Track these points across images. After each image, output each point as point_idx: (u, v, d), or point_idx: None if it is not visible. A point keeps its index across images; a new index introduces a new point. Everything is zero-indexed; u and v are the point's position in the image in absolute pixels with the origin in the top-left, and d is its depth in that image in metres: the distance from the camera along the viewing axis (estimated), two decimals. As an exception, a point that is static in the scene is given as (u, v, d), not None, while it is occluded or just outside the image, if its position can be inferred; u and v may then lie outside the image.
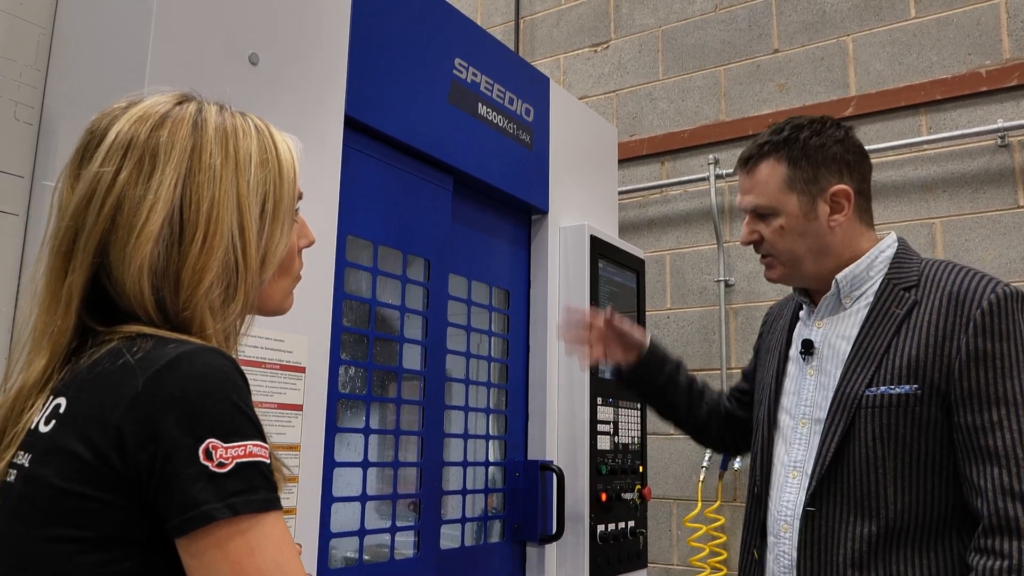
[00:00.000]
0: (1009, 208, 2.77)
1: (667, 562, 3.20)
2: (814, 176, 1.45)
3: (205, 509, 0.71)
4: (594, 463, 2.11)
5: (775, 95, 3.27)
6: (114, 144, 0.84)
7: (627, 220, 3.48)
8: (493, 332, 2.09)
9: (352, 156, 1.64)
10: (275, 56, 1.46)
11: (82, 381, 0.79)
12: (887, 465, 1.33)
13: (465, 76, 1.97)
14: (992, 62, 2.87)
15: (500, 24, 4.04)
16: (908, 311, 1.38)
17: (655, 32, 3.60)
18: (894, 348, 1.37)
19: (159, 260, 0.81)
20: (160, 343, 0.78)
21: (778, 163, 1.46)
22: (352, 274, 1.71)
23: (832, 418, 1.39)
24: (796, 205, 1.45)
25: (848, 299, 1.46)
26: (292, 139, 0.96)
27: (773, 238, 1.48)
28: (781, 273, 1.51)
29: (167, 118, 0.86)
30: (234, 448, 0.74)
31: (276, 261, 0.90)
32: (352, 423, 1.70)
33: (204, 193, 0.83)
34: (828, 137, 1.47)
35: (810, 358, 1.49)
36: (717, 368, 3.20)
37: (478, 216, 2.08)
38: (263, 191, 0.89)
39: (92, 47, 1.41)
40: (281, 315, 0.99)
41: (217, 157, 0.85)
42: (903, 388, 1.34)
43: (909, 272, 1.43)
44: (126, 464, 0.73)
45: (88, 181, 0.83)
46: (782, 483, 1.46)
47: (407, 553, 1.74)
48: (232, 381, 0.77)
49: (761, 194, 1.47)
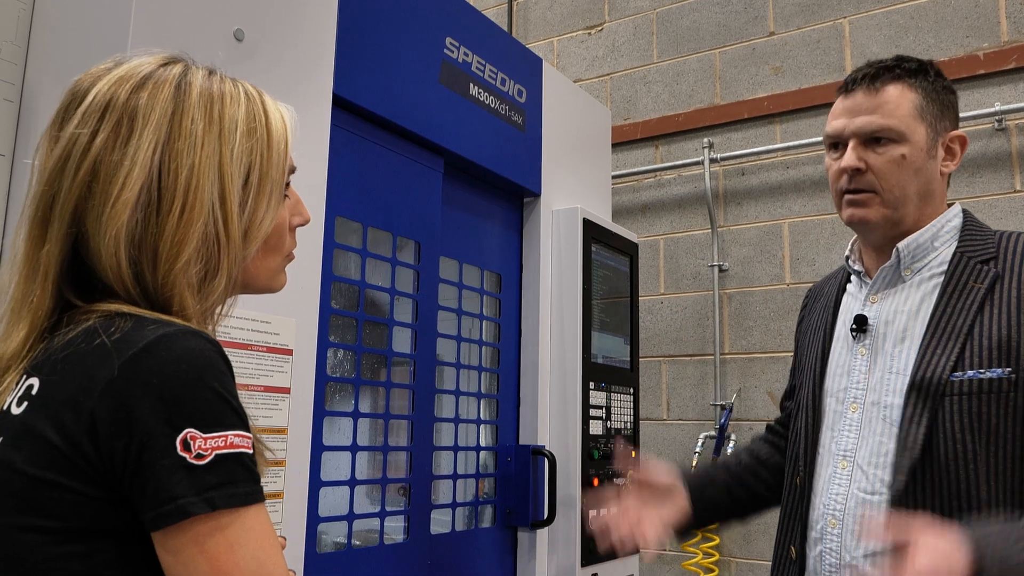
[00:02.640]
0: (1006, 192, 2.76)
1: (660, 547, 3.19)
2: (940, 113, 1.33)
3: (181, 503, 0.68)
4: (586, 448, 2.10)
5: (770, 78, 3.24)
6: (92, 105, 0.80)
7: (621, 204, 3.46)
8: (484, 316, 2.07)
9: (340, 136, 1.62)
10: (261, 33, 1.43)
11: (55, 361, 0.75)
12: (979, 459, 1.18)
13: (456, 56, 1.94)
14: (990, 45, 2.84)
15: (493, 6, 3.99)
16: (991, 285, 1.24)
17: (649, 14, 3.56)
18: (979, 327, 1.22)
19: (136, 229, 0.77)
20: (139, 324, 0.74)
21: (910, 89, 1.32)
22: (341, 256, 1.68)
23: (912, 407, 1.24)
24: (923, 136, 1.30)
25: (909, 271, 1.33)
26: (287, 109, 0.91)
27: (887, 168, 1.30)
28: (878, 214, 1.32)
29: (149, 79, 0.81)
30: (214, 439, 0.70)
31: (260, 236, 0.86)
32: (342, 407, 1.68)
33: (183, 160, 0.79)
34: (948, 83, 1.36)
35: (863, 336, 1.34)
36: (711, 353, 3.19)
37: (469, 198, 2.05)
38: (248, 161, 0.84)
39: (73, 23, 1.38)
40: (273, 293, 0.95)
41: (199, 123, 0.81)
42: (994, 372, 1.19)
43: (985, 243, 1.29)
44: (99, 453, 0.70)
45: (64, 143, 0.79)
46: (830, 474, 1.32)
47: (397, 538, 1.73)
48: (214, 367, 0.73)
49: (890, 115, 1.30)
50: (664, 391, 3.29)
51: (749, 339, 3.14)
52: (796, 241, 3.09)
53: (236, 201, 0.82)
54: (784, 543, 1.41)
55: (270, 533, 0.73)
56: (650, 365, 3.30)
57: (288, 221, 0.92)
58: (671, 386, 3.28)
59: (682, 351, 3.28)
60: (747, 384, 3.11)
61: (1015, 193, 2.74)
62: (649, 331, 3.33)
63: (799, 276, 3.06)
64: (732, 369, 3.16)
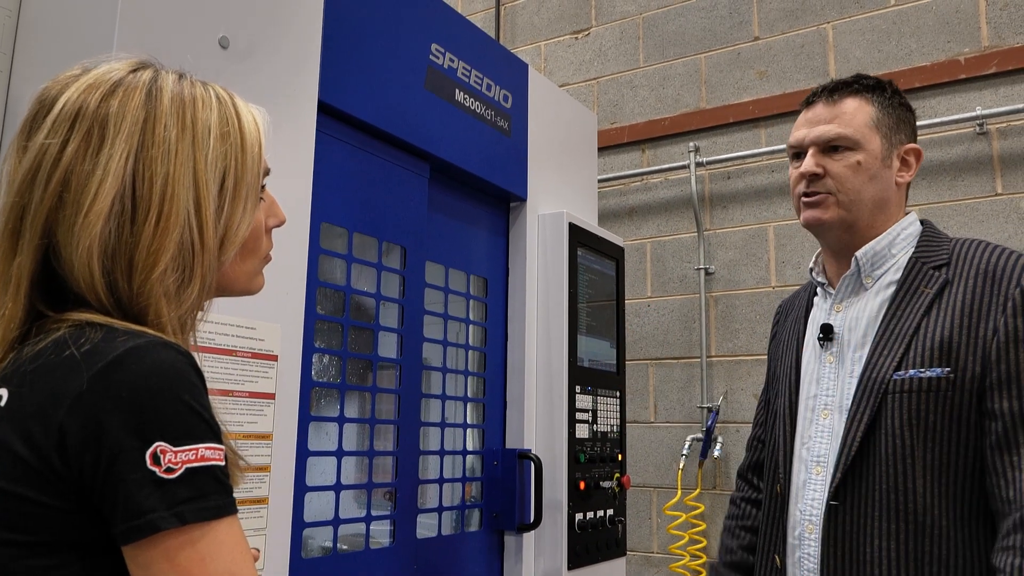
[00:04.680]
0: (987, 196, 2.79)
1: (647, 550, 3.21)
2: (896, 127, 1.41)
3: (151, 518, 0.67)
4: (572, 451, 2.11)
5: (755, 82, 3.27)
6: (61, 114, 0.78)
7: (608, 208, 3.47)
8: (471, 320, 2.08)
9: (326, 142, 1.62)
10: (246, 39, 1.43)
11: (24, 373, 0.73)
12: (916, 455, 1.23)
13: (442, 62, 1.95)
14: (971, 49, 2.87)
15: (481, 11, 4.01)
16: (939, 290, 1.29)
17: (636, 19, 3.58)
18: (924, 329, 1.27)
19: (110, 240, 0.76)
20: (110, 335, 0.73)
21: (867, 103, 1.41)
22: (327, 261, 1.69)
23: (857, 405, 1.30)
24: (878, 146, 1.38)
25: (869, 279, 1.38)
26: (259, 111, 0.90)
27: (844, 173, 1.37)
28: (833, 214, 1.38)
29: (119, 86, 0.80)
30: (184, 452, 0.69)
31: (238, 241, 0.85)
32: (328, 412, 1.69)
33: (158, 168, 0.78)
34: (905, 100, 1.45)
35: (829, 344, 1.40)
36: (697, 356, 3.21)
37: (456, 203, 2.06)
38: (223, 166, 0.82)
39: (58, 30, 1.38)
40: (250, 296, 0.95)
41: (172, 129, 0.80)
42: (934, 371, 1.24)
43: (939, 250, 1.35)
44: (68, 466, 0.69)
45: (34, 154, 0.78)
46: (804, 480, 1.37)
47: (383, 542, 1.73)
48: (185, 379, 0.72)
49: (847, 124, 1.39)
50: (651, 394, 3.31)
51: (735, 342, 3.16)
52: (781, 244, 3.12)
53: (212, 207, 0.81)
54: (767, 551, 1.44)
55: (242, 545, 0.73)
56: (637, 368, 3.32)
57: (264, 223, 0.91)
58: (658, 389, 3.29)
59: (669, 354, 3.30)
60: (733, 387, 3.13)
61: (996, 196, 2.77)
62: (636, 334, 3.35)
63: (785, 279, 3.09)
64: (719, 372, 3.18)
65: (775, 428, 1.48)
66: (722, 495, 3.06)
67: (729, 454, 3.09)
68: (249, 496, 1.36)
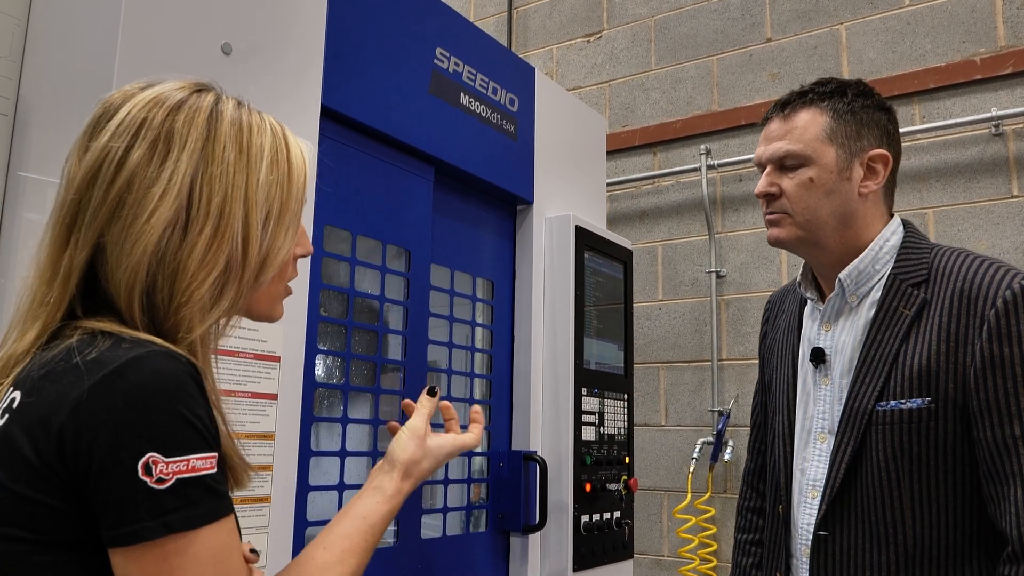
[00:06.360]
0: (1003, 198, 2.76)
1: (657, 553, 3.20)
2: (856, 134, 1.34)
3: (138, 528, 0.70)
4: (578, 453, 2.11)
5: (768, 84, 3.25)
6: (125, 121, 0.82)
7: (619, 211, 3.47)
8: (477, 323, 2.09)
9: (329, 146, 1.64)
10: (249, 45, 1.45)
11: (34, 379, 0.77)
12: (903, 486, 1.22)
13: (447, 66, 1.96)
14: (987, 50, 2.84)
15: (493, 15, 4.03)
16: (918, 312, 1.25)
17: (648, 22, 3.58)
18: (903, 356, 1.24)
19: (163, 247, 0.79)
20: (116, 344, 0.76)
21: (821, 113, 1.34)
22: (332, 264, 1.71)
23: (842, 435, 1.28)
24: (832, 158, 1.32)
25: (854, 297, 1.35)
26: (306, 144, 0.94)
27: (797, 192, 1.33)
28: (790, 233, 1.35)
29: (184, 104, 0.84)
30: (176, 463, 0.71)
31: (277, 264, 0.89)
32: (332, 412, 1.70)
33: (216, 186, 0.82)
34: (874, 101, 1.37)
35: (824, 367, 1.37)
36: (708, 360, 3.20)
37: (461, 206, 2.07)
38: (270, 191, 0.87)
39: (64, 38, 1.41)
40: (270, 322, 0.97)
41: (231, 150, 0.84)
42: (914, 402, 1.22)
43: (918, 265, 1.30)
44: (67, 469, 0.72)
45: (96, 154, 0.81)
46: (799, 503, 1.36)
47: (387, 541, 1.75)
48: (182, 389, 0.74)
49: (797, 140, 1.34)
50: (662, 397, 3.30)
51: (747, 345, 3.14)
52: (794, 247, 3.10)
53: (259, 229, 0.85)
54: (770, 570, 1.44)
55: (232, 548, 0.75)
56: (648, 371, 3.31)
57: (292, 251, 0.95)
58: (669, 392, 3.29)
59: (680, 357, 3.29)
60: (745, 390, 3.12)
61: (1012, 199, 2.74)
62: (647, 337, 3.34)
63: (797, 282, 3.07)
64: (730, 375, 3.16)
65: (775, 447, 1.47)
66: (733, 499, 3.05)
67: (740, 458, 3.07)
68: (251, 495, 1.38)
